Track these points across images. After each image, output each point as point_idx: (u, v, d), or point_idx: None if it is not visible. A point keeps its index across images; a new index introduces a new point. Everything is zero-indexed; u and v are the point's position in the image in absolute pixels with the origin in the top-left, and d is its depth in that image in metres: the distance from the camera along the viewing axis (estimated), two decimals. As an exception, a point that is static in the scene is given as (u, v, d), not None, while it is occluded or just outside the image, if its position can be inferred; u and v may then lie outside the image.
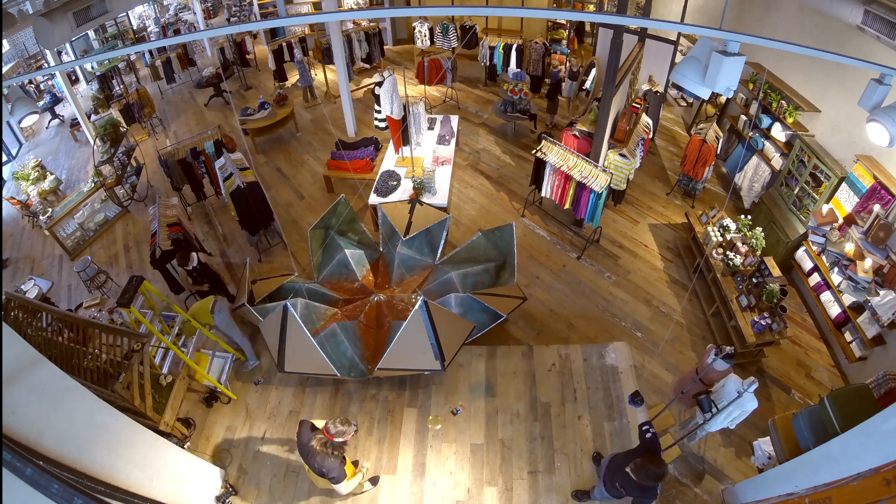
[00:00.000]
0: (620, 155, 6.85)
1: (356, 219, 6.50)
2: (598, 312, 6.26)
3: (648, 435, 3.42)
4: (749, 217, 6.24)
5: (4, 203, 8.93)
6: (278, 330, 4.82)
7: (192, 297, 6.48)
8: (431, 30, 11.23)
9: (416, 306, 4.55)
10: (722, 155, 8.20)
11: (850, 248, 5.24)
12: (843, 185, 5.58)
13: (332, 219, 6.29)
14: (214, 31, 5.98)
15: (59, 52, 12.38)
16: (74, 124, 11.13)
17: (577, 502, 4.45)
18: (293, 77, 12.15)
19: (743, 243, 5.92)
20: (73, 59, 12.51)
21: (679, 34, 8.06)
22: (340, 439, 3.63)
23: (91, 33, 13.40)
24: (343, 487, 3.91)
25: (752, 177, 7.31)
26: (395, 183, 7.29)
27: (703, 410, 4.10)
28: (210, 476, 4.48)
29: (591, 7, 12.67)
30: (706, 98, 2.47)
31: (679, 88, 10.47)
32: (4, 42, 11.49)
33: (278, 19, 8.92)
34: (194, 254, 5.82)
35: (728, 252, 5.90)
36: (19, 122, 4.10)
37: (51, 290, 7.30)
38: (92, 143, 9.42)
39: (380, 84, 7.45)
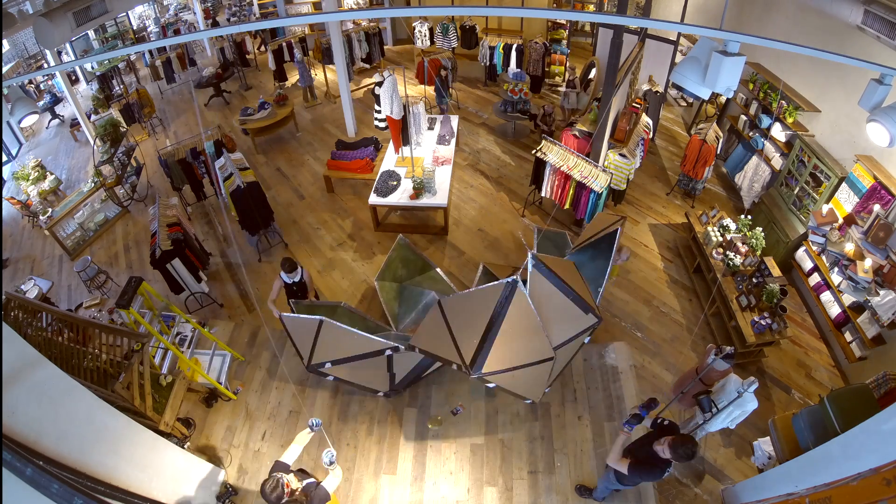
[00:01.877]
0: (620, 155, 6.85)
1: (428, 264, 6.06)
2: (598, 312, 6.26)
3: (666, 423, 3.47)
4: (749, 217, 6.24)
5: (4, 203, 8.93)
6: (487, 324, 3.63)
7: (191, 297, 6.47)
8: (431, 30, 11.23)
9: (529, 265, 3.71)
10: (722, 155, 8.20)
11: (850, 248, 5.24)
12: (843, 185, 5.58)
13: (399, 269, 5.92)
14: (215, 30, 5.98)
15: (59, 52, 12.37)
16: (74, 124, 11.12)
17: (579, 497, 4.49)
18: (293, 77, 12.15)
19: (743, 243, 5.92)
20: (74, 59, 12.51)
21: (679, 34, 8.06)
22: (285, 499, 3.21)
23: (91, 33, 13.38)
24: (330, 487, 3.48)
25: (752, 177, 7.30)
26: (395, 183, 7.29)
27: (703, 410, 4.10)
28: (210, 476, 4.47)
29: (591, 7, 12.67)
30: (706, 98, 2.45)
31: (679, 88, 10.46)
32: (4, 42, 11.48)
33: (278, 19, 8.92)
34: (301, 268, 5.35)
35: (728, 252, 5.90)
36: (19, 122, 4.10)
37: (51, 290, 7.29)
38: (92, 143, 9.41)
39: (380, 84, 7.45)
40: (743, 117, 7.66)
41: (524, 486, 4.59)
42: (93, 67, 12.36)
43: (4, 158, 10.77)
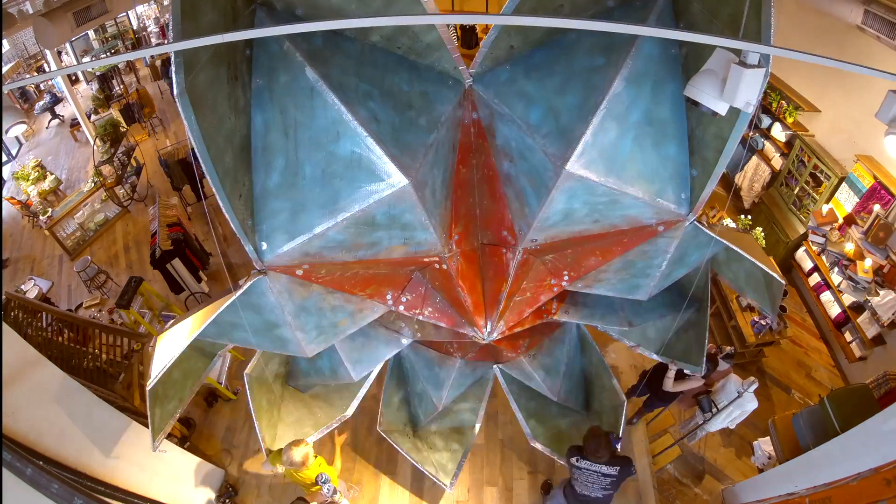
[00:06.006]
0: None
1: None
2: (598, 312, 6.25)
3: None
4: (749, 217, 6.24)
5: (4, 203, 8.93)
6: None
7: (191, 297, 6.46)
8: (431, 30, 11.23)
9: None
10: (722, 155, 8.19)
11: (850, 248, 5.24)
12: (843, 185, 5.58)
13: None
14: (217, 37, 5.92)
15: (60, 52, 12.37)
16: (74, 124, 11.12)
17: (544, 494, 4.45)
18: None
19: (743, 243, 5.91)
20: (73, 58, 12.51)
21: (679, 34, 8.04)
22: None
23: (91, 33, 13.37)
24: None
25: (752, 177, 7.30)
26: (395, 183, 7.28)
27: (703, 410, 4.10)
28: (210, 476, 4.47)
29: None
30: (723, 114, 2.34)
31: (694, 104, 10.36)
32: (4, 42, 11.48)
33: (282, 26, 8.89)
34: None
35: (728, 252, 5.90)
36: (6, 131, 4.08)
37: (51, 290, 7.29)
38: (92, 143, 9.41)
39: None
40: (743, 117, 7.65)
41: (524, 486, 4.59)
42: (93, 67, 12.35)
43: (4, 158, 10.78)
